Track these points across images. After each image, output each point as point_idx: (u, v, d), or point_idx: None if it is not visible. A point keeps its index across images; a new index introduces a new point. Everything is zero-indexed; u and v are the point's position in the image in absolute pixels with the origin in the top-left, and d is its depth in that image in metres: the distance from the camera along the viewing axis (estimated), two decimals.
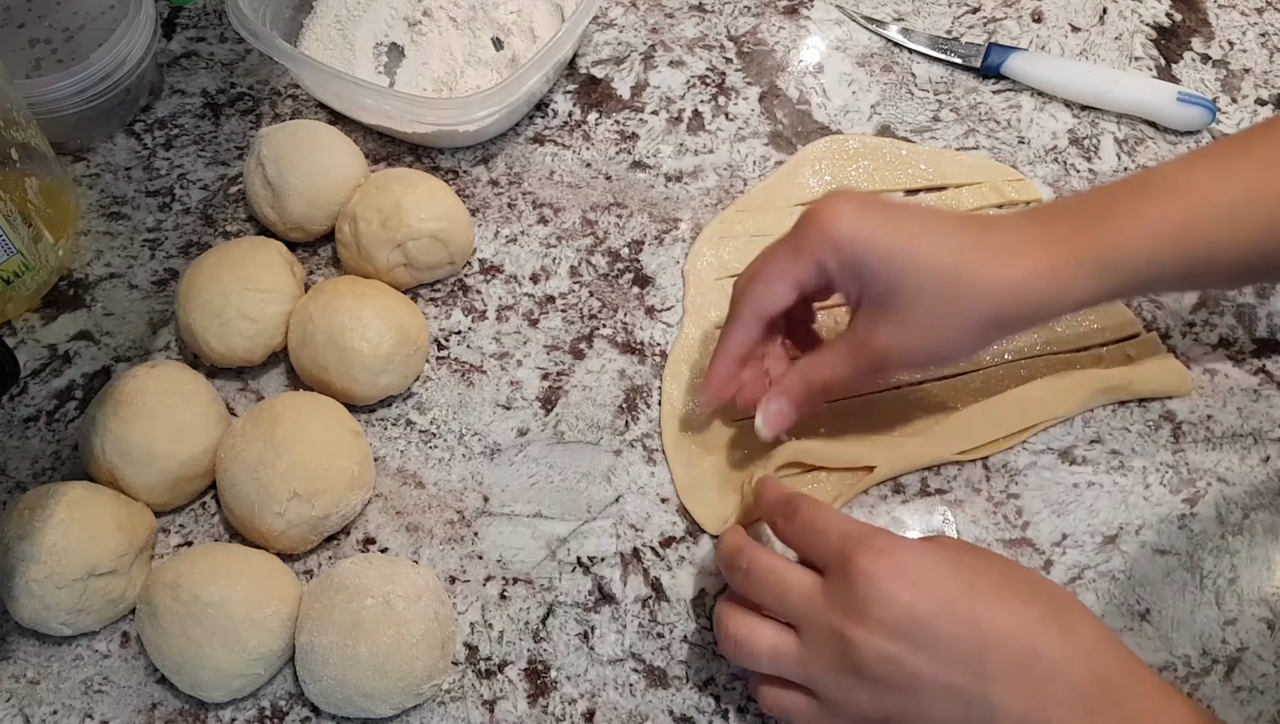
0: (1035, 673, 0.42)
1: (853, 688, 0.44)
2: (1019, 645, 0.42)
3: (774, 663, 0.46)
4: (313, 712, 0.51)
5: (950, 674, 0.42)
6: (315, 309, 0.57)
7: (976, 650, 0.42)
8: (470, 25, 0.70)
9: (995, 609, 0.43)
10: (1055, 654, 0.42)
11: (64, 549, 0.49)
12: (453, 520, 0.56)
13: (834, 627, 0.44)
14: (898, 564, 0.43)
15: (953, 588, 0.43)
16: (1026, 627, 0.43)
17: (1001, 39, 0.72)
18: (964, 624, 0.43)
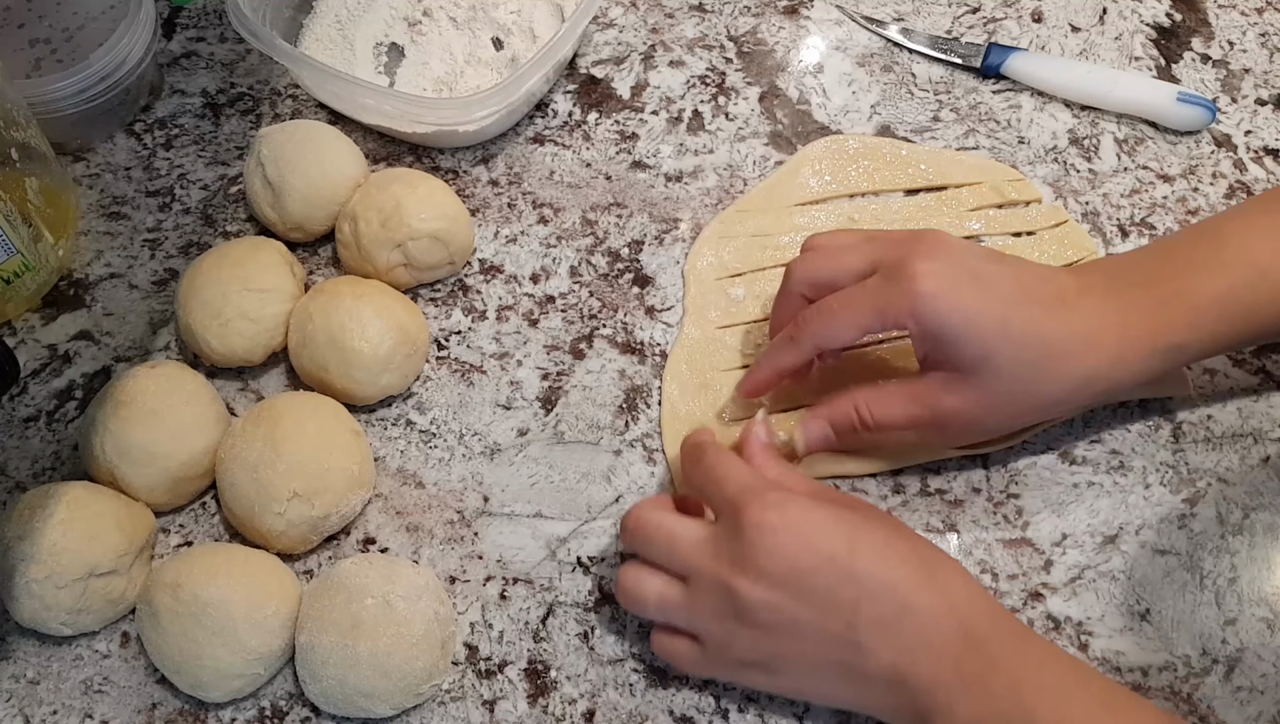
0: (905, 624, 0.45)
1: (735, 633, 0.47)
2: (892, 599, 0.45)
3: (661, 610, 0.49)
4: (313, 712, 0.51)
5: (826, 622, 0.45)
6: (315, 309, 0.57)
7: (852, 601, 0.45)
8: (470, 25, 0.70)
9: (873, 565, 0.45)
10: (925, 608, 0.45)
11: (64, 549, 0.49)
12: (453, 520, 0.56)
13: (719, 575, 0.46)
14: (785, 518, 0.46)
15: (834, 543, 0.46)
16: (901, 582, 0.45)
17: (1001, 39, 0.72)
18: (842, 577, 0.45)
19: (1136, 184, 0.66)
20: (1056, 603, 0.53)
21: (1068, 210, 0.65)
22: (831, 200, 0.65)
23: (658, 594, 0.49)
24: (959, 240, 0.51)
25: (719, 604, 0.47)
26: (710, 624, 0.48)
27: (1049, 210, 0.65)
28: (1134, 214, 0.65)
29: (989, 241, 0.64)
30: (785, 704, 0.51)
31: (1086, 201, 0.65)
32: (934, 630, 0.45)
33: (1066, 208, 0.65)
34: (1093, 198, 0.66)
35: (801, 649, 0.46)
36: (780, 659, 0.47)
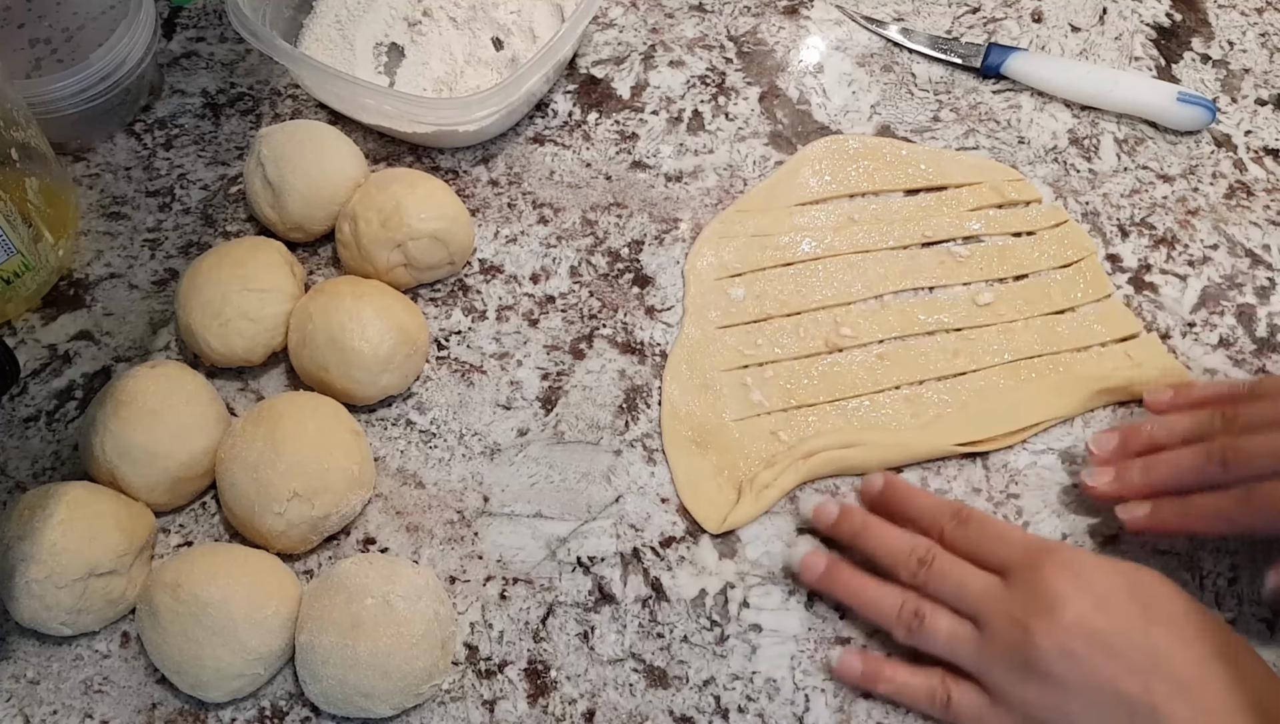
0: (1205, 698, 0.44)
1: (1024, 683, 0.46)
2: (1190, 670, 0.44)
3: (950, 646, 0.49)
4: (313, 712, 0.51)
5: (1121, 682, 0.44)
6: (315, 309, 0.57)
7: (1149, 665, 0.44)
8: (470, 25, 0.70)
9: (1170, 634, 0.45)
10: (1224, 685, 0.44)
11: (64, 549, 0.49)
12: (453, 520, 0.56)
13: (1016, 619, 0.47)
14: (1083, 574, 0.47)
15: (1131, 605, 0.46)
16: (1198, 655, 0.45)
17: (1001, 39, 0.72)
18: (1139, 639, 0.45)
19: (1136, 184, 0.66)
20: None
21: (1068, 210, 0.65)
22: (831, 200, 0.65)
23: (950, 630, 0.48)
24: None
25: (1012, 650, 0.46)
26: (1000, 672, 0.47)
27: (1049, 210, 0.65)
28: (1134, 214, 0.65)
29: (989, 241, 0.64)
30: (785, 703, 0.51)
31: (1086, 201, 0.65)
32: (1234, 710, 0.44)
33: (1066, 208, 0.65)
34: (1093, 198, 0.66)
35: (1090, 709, 0.45)
36: (1066, 717, 0.45)
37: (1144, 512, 0.52)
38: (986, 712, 0.48)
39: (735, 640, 0.53)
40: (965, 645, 0.48)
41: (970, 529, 0.51)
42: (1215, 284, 0.63)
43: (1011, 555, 0.49)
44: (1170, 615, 0.46)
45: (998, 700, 0.47)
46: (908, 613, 0.50)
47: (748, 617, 0.53)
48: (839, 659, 0.51)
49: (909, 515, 0.53)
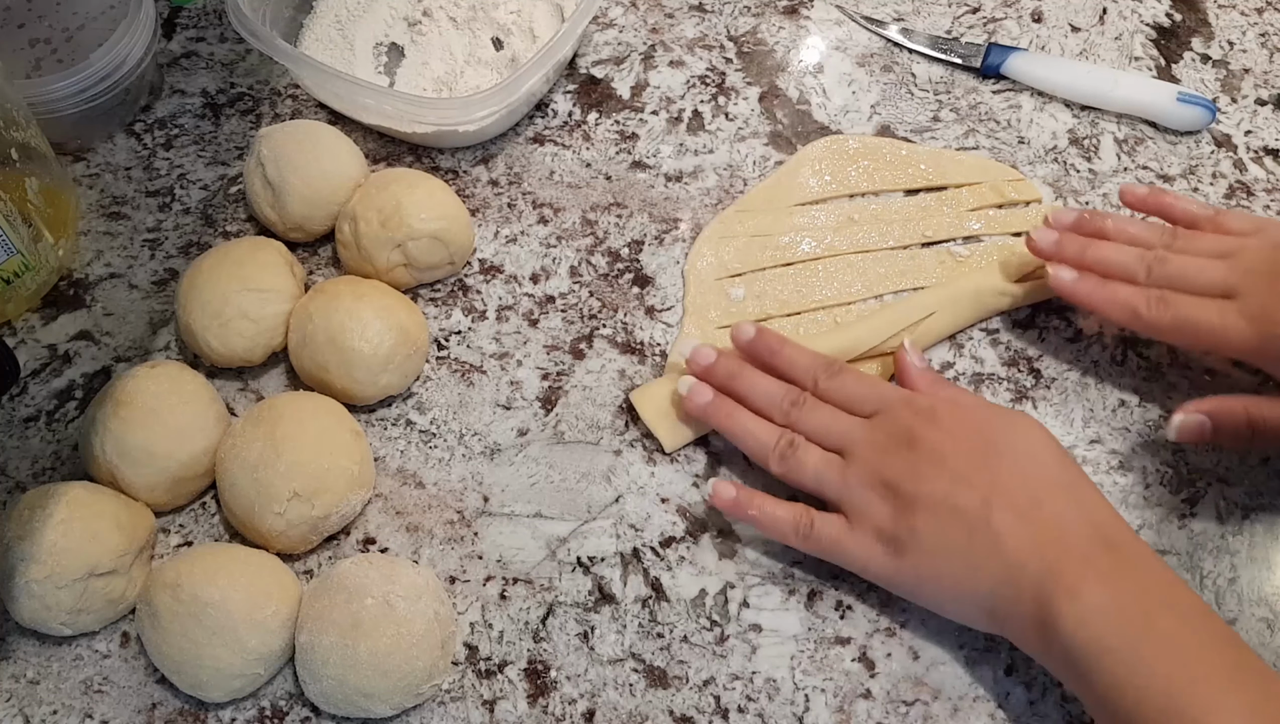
0: (1038, 515, 0.48)
1: (879, 502, 0.51)
2: (1028, 491, 0.49)
3: (817, 475, 0.52)
4: (313, 712, 0.51)
5: (960, 498, 0.49)
6: (315, 309, 0.57)
7: (988, 486, 0.49)
8: (470, 25, 0.70)
9: (1015, 456, 0.50)
10: (1060, 508, 0.48)
11: (64, 549, 0.49)
12: (453, 520, 0.56)
13: (878, 446, 0.51)
14: (940, 412, 0.52)
15: (980, 439, 0.51)
16: (1038, 481, 0.49)
17: (1001, 39, 0.72)
18: (981, 464, 0.49)
19: (1137, 184, 0.66)
20: None
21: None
22: (831, 200, 0.65)
23: (818, 459, 0.53)
24: None
25: (870, 476, 0.51)
26: (859, 494, 0.51)
27: (1049, 210, 0.65)
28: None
29: (988, 241, 0.64)
30: (785, 703, 0.51)
31: (1086, 201, 0.65)
32: (1067, 527, 0.47)
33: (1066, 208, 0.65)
34: (1093, 198, 0.66)
35: (935, 525, 0.49)
36: (912, 534, 0.49)
37: (1070, 276, 0.57)
38: (844, 534, 0.51)
39: (735, 640, 0.53)
40: (831, 473, 0.52)
41: (841, 379, 0.55)
42: None
43: (880, 400, 0.53)
44: (1018, 451, 0.50)
45: (855, 524, 0.51)
46: (783, 444, 0.53)
47: (748, 617, 0.53)
48: (712, 486, 0.54)
49: (781, 367, 0.56)
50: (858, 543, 0.51)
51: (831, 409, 0.54)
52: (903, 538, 0.50)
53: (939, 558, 0.49)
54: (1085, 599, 0.45)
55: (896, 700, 0.51)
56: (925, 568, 0.49)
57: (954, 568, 0.49)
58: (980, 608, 0.49)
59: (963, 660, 0.52)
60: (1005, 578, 0.47)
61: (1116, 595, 0.45)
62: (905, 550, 0.50)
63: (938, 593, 0.50)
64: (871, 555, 0.51)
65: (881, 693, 0.51)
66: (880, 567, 0.51)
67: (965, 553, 0.48)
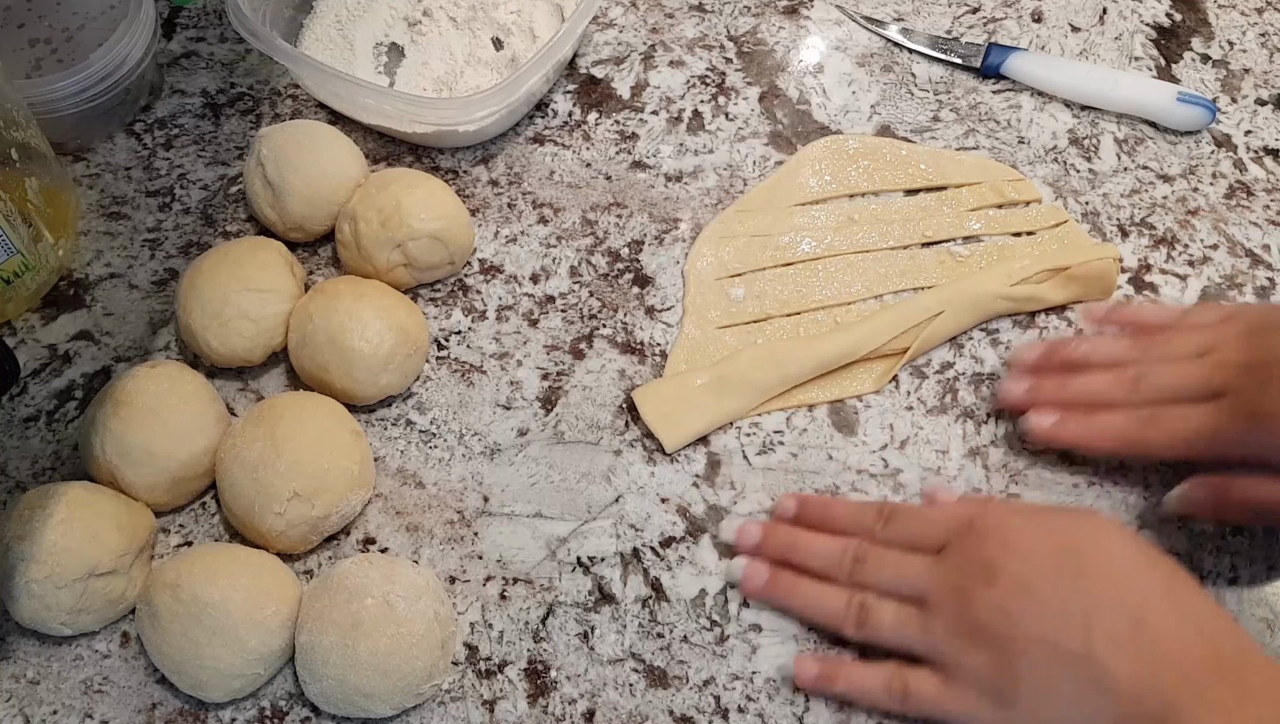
0: (1143, 639, 0.43)
1: (971, 650, 0.46)
2: (1127, 610, 0.44)
3: (898, 631, 0.49)
4: (313, 712, 0.51)
5: (1059, 637, 0.44)
6: (315, 309, 0.57)
7: (1083, 617, 0.44)
8: (470, 25, 0.70)
9: (1103, 581, 0.45)
10: (1164, 623, 0.44)
11: (64, 549, 0.49)
12: (453, 520, 0.56)
13: (955, 588, 0.47)
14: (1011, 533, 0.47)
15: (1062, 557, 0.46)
16: (1134, 594, 0.44)
17: (1001, 39, 0.72)
18: (1071, 591, 0.45)
19: (1136, 184, 0.66)
20: None
21: (1068, 210, 0.65)
22: (831, 200, 0.65)
23: (895, 615, 0.49)
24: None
25: (956, 622, 0.47)
26: (949, 645, 0.47)
27: (1049, 210, 0.65)
28: (1134, 214, 0.65)
29: (988, 241, 0.64)
30: (785, 703, 0.51)
31: (1086, 201, 0.65)
32: (1177, 647, 0.43)
33: (1066, 208, 0.65)
34: (1093, 198, 0.66)
35: (1037, 669, 0.45)
36: (1015, 682, 0.45)
37: (1050, 421, 0.54)
38: (943, 692, 0.47)
39: (735, 640, 0.53)
40: (912, 626, 0.48)
41: (898, 521, 0.51)
42: (1215, 284, 0.63)
43: (942, 533, 0.50)
44: (1103, 562, 0.46)
45: (951, 677, 0.47)
46: (854, 606, 0.50)
47: (748, 617, 0.53)
48: (795, 663, 0.51)
49: (833, 526, 0.53)
50: (959, 700, 0.47)
51: (896, 557, 0.50)
52: (1005, 688, 0.46)
53: (1047, 703, 0.45)
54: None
55: None
56: (1037, 716, 0.45)
57: (1065, 713, 0.45)
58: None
59: None
60: (1121, 718, 0.43)
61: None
62: (1011, 701, 0.46)
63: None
64: (976, 709, 0.47)
65: None
66: (988, 721, 0.47)
67: (1074, 696, 0.44)
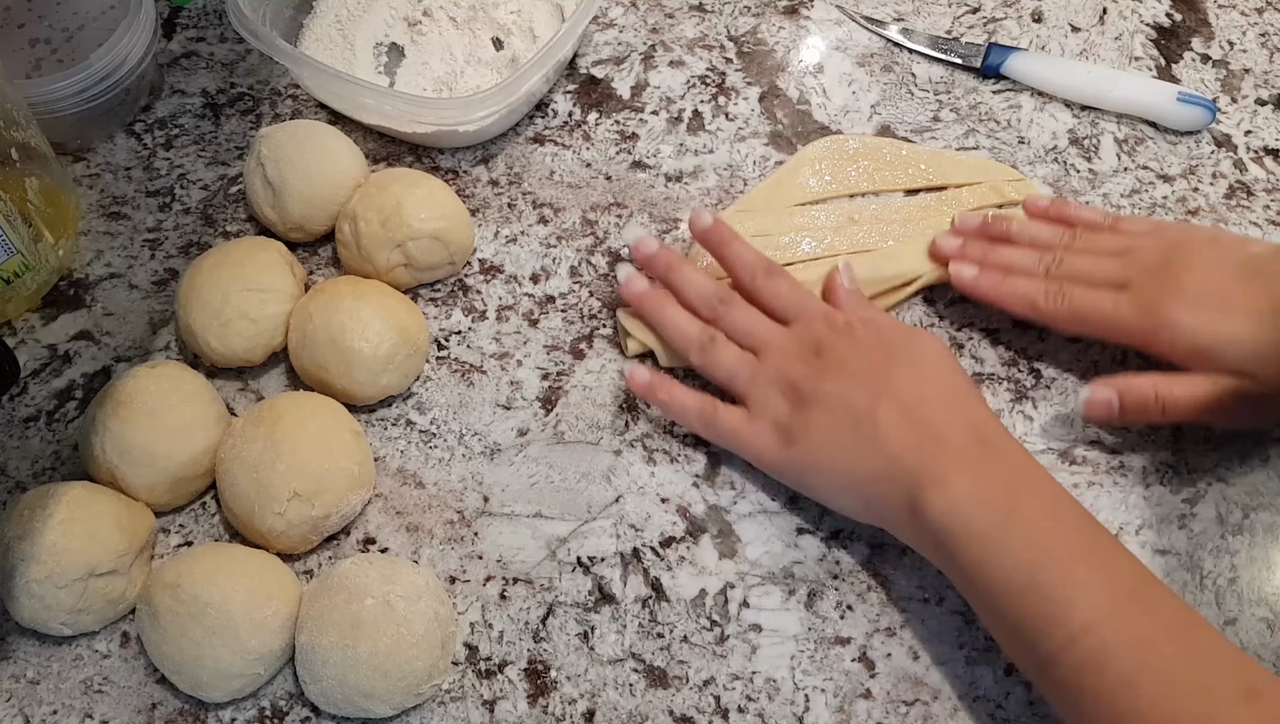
0: (918, 411, 0.51)
1: (779, 397, 0.54)
2: (912, 392, 0.52)
3: (730, 369, 0.55)
4: (313, 712, 0.51)
5: (853, 396, 0.52)
6: (315, 309, 0.57)
7: (880, 387, 0.52)
8: (470, 25, 0.70)
9: (905, 371, 0.52)
10: (940, 405, 0.51)
11: (64, 549, 0.49)
12: (453, 520, 0.56)
13: (787, 351, 0.54)
14: (852, 325, 0.54)
15: (882, 349, 0.53)
16: (925, 384, 0.52)
17: (1001, 39, 0.72)
18: (878, 370, 0.52)
19: (1136, 184, 0.66)
20: None
21: None
22: (831, 200, 0.65)
23: (734, 356, 0.56)
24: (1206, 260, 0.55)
25: (776, 375, 0.54)
26: (763, 389, 0.54)
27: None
28: (1134, 214, 0.65)
29: None
30: (785, 703, 0.51)
31: (1086, 201, 0.65)
32: (944, 424, 0.50)
33: None
34: (1093, 198, 0.66)
35: (826, 419, 0.52)
36: (805, 426, 0.52)
37: (971, 273, 0.59)
38: (743, 424, 0.54)
39: (735, 640, 0.53)
40: (742, 369, 0.55)
41: (775, 281, 0.57)
42: None
43: (802, 310, 0.56)
44: (913, 359, 0.53)
45: (754, 416, 0.54)
46: (704, 337, 0.56)
47: (748, 617, 0.53)
48: (628, 371, 0.56)
49: (726, 258, 0.58)
50: (754, 432, 0.54)
51: (756, 312, 0.57)
52: (795, 430, 0.53)
53: (826, 449, 0.52)
54: (953, 487, 0.48)
55: (896, 700, 0.51)
56: (812, 458, 0.52)
57: (837, 459, 0.52)
58: (859, 498, 0.52)
59: (963, 660, 0.52)
60: (883, 470, 0.50)
61: (983, 483, 0.49)
62: (796, 441, 0.53)
63: (820, 483, 0.53)
64: (765, 445, 0.54)
65: (881, 693, 0.51)
66: (772, 456, 0.54)
67: (850, 445, 0.51)
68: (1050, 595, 0.46)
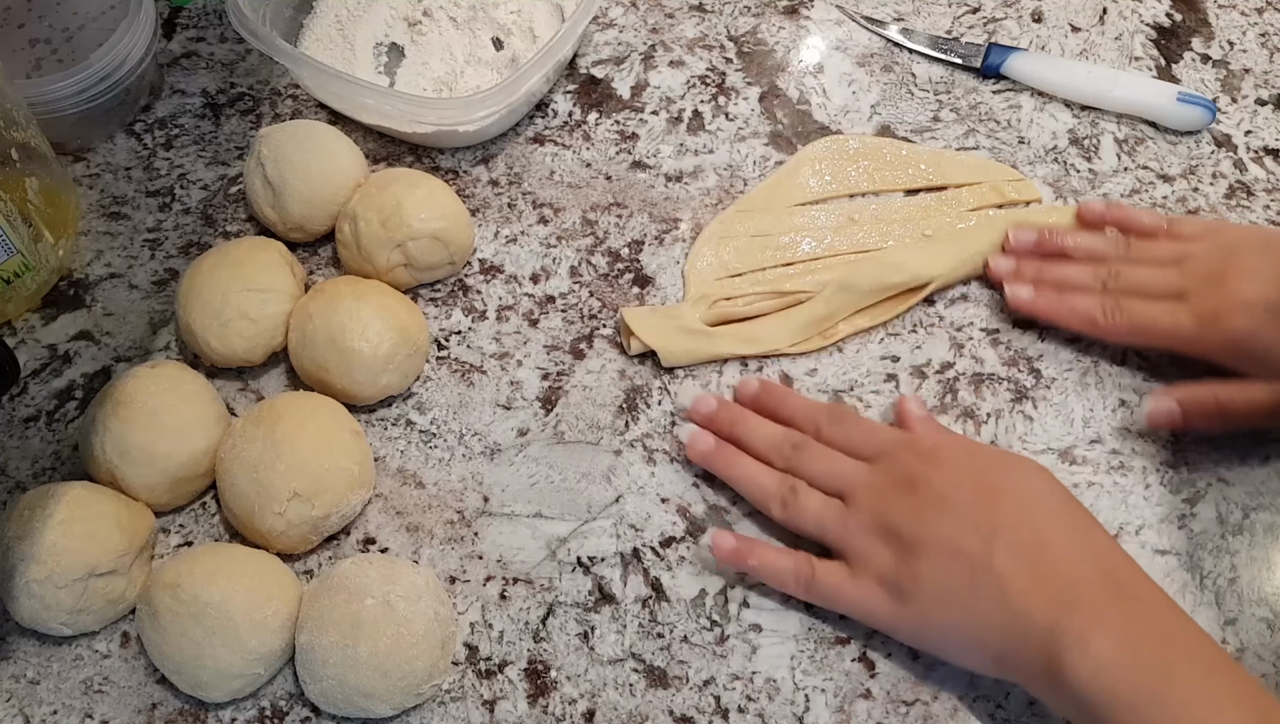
0: (1041, 557, 0.47)
1: (880, 547, 0.50)
2: (1032, 530, 0.48)
3: (818, 520, 0.52)
4: (313, 712, 0.51)
5: (963, 541, 0.48)
6: (315, 309, 0.57)
7: (990, 529, 0.48)
8: (470, 25, 0.70)
9: (1015, 505, 0.49)
10: (1062, 547, 0.47)
11: (64, 549, 0.49)
12: (453, 520, 0.56)
13: (879, 491, 0.51)
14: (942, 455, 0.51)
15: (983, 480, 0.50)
16: (1039, 520, 0.48)
17: (1001, 39, 0.72)
18: (985, 507, 0.49)
19: (1136, 184, 0.66)
20: None
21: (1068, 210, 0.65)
22: (831, 200, 0.65)
23: (820, 505, 0.52)
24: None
25: (872, 521, 0.50)
26: (861, 540, 0.50)
27: (1049, 210, 0.65)
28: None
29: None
30: (785, 703, 0.51)
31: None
32: (1072, 569, 0.46)
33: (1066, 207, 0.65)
34: (1093, 198, 0.66)
35: (937, 570, 0.48)
36: (915, 580, 0.48)
37: (1028, 293, 0.59)
38: (846, 582, 0.51)
39: (735, 640, 0.53)
40: (832, 519, 0.52)
41: (844, 425, 0.55)
42: None
43: (881, 445, 0.53)
44: (1018, 491, 0.49)
45: (856, 571, 0.50)
46: (784, 488, 0.53)
47: (748, 617, 0.53)
48: (712, 537, 0.53)
49: (785, 416, 0.56)
50: (860, 590, 0.50)
51: (833, 454, 0.53)
52: (905, 585, 0.49)
53: (943, 605, 0.48)
54: (1096, 651, 0.44)
55: (896, 700, 0.51)
56: (930, 615, 0.48)
57: (958, 615, 0.48)
58: (987, 656, 0.48)
59: None
60: (1011, 626, 0.46)
61: (1130, 646, 0.44)
62: (908, 597, 0.49)
63: (943, 641, 0.49)
64: (875, 602, 0.50)
65: (881, 693, 0.51)
66: (884, 614, 0.50)
67: (969, 599, 0.47)
68: None
